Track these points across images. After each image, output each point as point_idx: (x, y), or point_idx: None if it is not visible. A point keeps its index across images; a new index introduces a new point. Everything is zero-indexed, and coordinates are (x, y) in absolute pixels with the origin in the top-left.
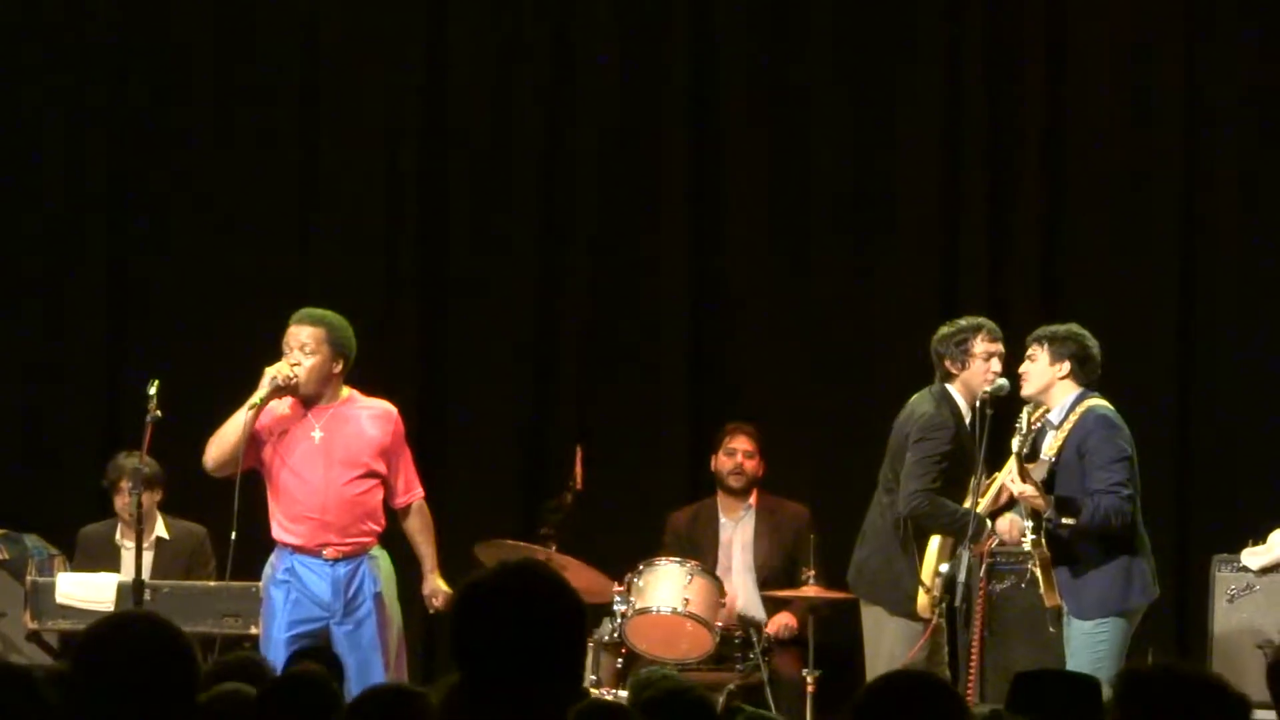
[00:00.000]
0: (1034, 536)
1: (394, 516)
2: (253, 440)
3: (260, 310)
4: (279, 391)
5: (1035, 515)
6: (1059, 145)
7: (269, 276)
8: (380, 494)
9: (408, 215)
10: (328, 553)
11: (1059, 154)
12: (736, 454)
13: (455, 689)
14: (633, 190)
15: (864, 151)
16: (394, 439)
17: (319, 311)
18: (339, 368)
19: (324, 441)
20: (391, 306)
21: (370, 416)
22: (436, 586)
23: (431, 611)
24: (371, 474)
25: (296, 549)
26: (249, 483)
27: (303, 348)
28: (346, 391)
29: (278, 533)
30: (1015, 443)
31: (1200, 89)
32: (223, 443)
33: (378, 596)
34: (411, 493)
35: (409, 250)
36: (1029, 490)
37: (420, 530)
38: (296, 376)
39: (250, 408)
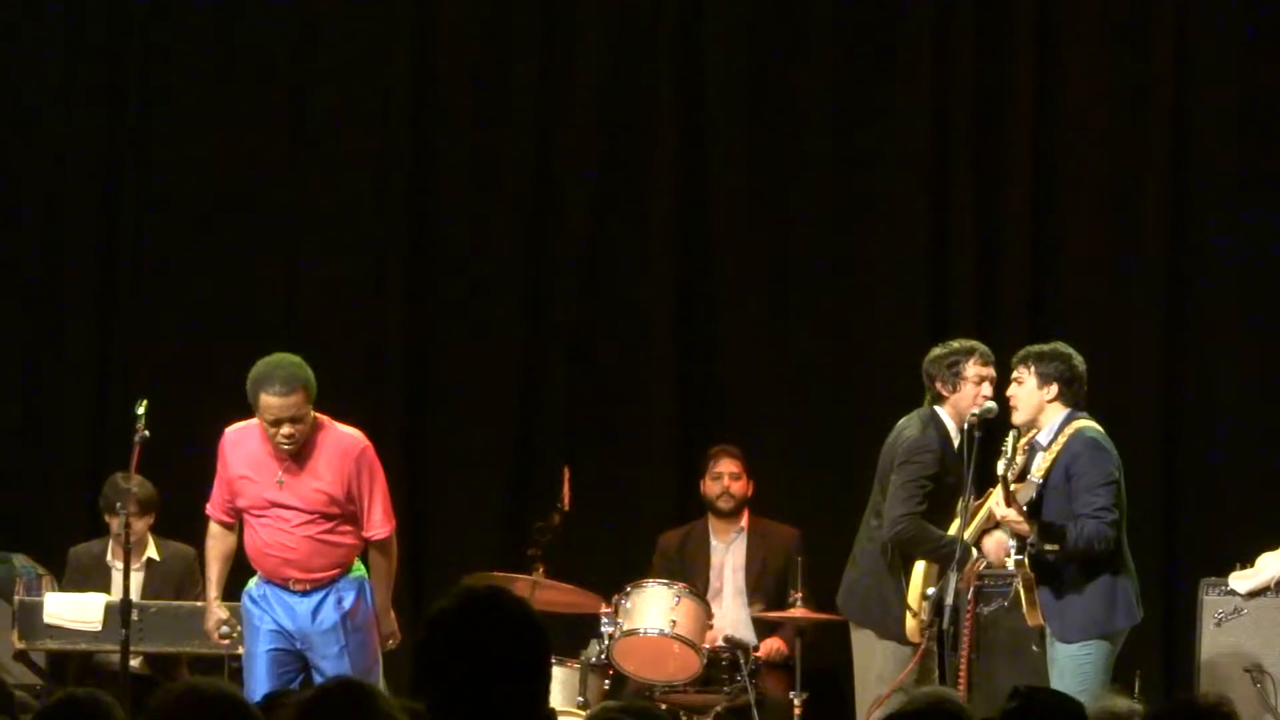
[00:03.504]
0: (1018, 557)
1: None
2: (228, 485)
3: (249, 331)
4: None
5: (1019, 537)
6: (1047, 164)
7: (258, 298)
8: (349, 529)
9: (394, 242)
10: (293, 585)
11: (1047, 173)
12: (723, 477)
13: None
14: (620, 211)
15: (851, 172)
16: (354, 475)
17: (286, 372)
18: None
19: (285, 487)
20: (378, 332)
21: (327, 463)
22: (388, 629)
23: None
24: (330, 518)
25: (265, 579)
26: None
27: (292, 421)
28: (319, 420)
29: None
30: (1000, 466)
31: (1189, 102)
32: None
33: (346, 615)
34: (374, 529)
35: (395, 277)
36: (1012, 515)
37: (376, 567)
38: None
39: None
